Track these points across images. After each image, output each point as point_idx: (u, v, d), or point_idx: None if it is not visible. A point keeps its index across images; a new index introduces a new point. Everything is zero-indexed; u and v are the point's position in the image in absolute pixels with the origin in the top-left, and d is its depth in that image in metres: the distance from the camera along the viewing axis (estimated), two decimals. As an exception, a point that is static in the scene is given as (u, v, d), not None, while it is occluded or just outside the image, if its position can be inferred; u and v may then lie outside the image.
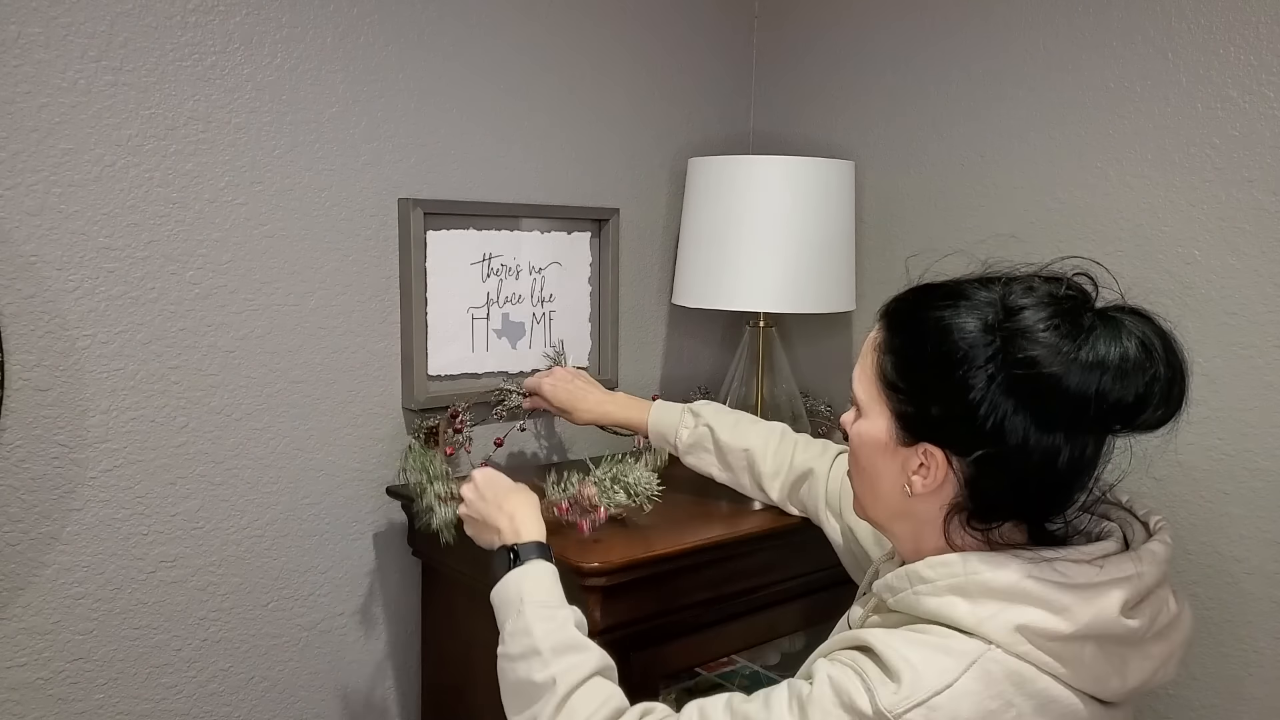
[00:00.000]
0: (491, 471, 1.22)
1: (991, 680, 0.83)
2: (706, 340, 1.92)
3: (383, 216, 1.49)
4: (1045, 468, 0.87)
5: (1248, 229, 1.34)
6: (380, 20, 1.45)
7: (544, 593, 1.05)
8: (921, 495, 0.92)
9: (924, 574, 0.90)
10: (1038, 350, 0.84)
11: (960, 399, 0.87)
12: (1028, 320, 0.86)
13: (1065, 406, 0.84)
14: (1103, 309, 0.88)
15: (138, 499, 1.32)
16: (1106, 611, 0.85)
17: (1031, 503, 0.91)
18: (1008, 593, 0.85)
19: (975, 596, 0.86)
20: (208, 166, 1.32)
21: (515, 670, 1.00)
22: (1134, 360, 0.84)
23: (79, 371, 1.26)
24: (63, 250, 1.23)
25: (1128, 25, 1.43)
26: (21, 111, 1.18)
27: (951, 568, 0.88)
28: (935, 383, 0.89)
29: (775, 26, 1.90)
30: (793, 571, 1.43)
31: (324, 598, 1.50)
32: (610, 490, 1.28)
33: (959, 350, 0.87)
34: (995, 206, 1.60)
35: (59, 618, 1.28)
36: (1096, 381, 0.83)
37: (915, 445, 0.91)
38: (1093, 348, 0.84)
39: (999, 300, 0.89)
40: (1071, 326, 0.85)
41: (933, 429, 0.90)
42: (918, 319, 0.92)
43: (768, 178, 1.56)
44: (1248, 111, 1.33)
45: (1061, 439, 0.86)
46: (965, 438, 0.88)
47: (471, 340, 1.59)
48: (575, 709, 0.95)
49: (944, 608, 0.87)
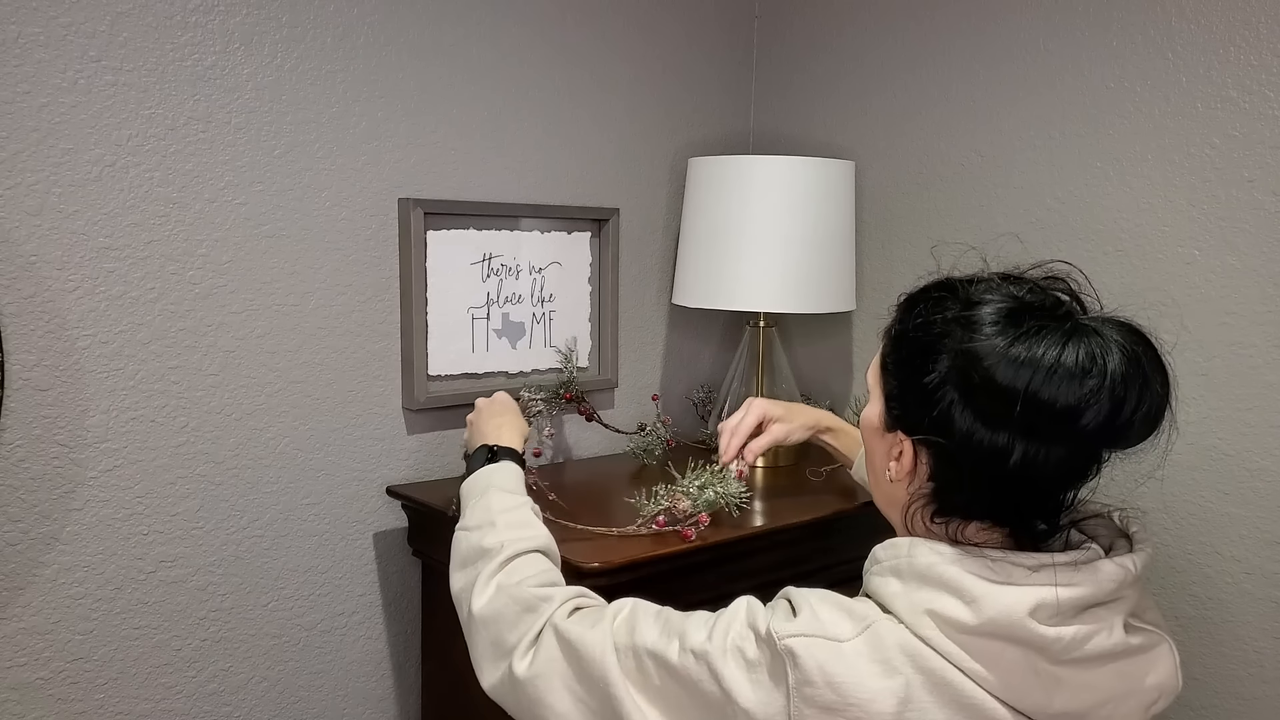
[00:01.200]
0: (506, 397, 1.38)
1: (881, 645, 0.84)
2: (706, 340, 1.92)
3: (383, 216, 1.49)
4: (993, 466, 0.86)
5: (1248, 229, 1.34)
6: (380, 20, 1.45)
7: (511, 484, 1.18)
8: (898, 483, 0.95)
9: (878, 555, 0.93)
10: (977, 343, 0.86)
11: (917, 384, 0.89)
12: (980, 315, 0.88)
13: (996, 400, 0.84)
14: (1089, 318, 0.88)
15: (138, 499, 1.32)
16: (1014, 611, 0.83)
17: (987, 503, 0.90)
18: (927, 577, 0.87)
19: (905, 578, 0.88)
20: (208, 166, 1.32)
21: (469, 539, 1.12)
22: (1070, 366, 0.83)
23: (79, 371, 1.26)
24: (63, 250, 1.23)
25: (1128, 25, 1.43)
26: (21, 111, 1.18)
27: (897, 549, 0.91)
28: (906, 368, 0.92)
29: (775, 26, 1.90)
30: (794, 571, 1.43)
31: (324, 598, 1.50)
32: (699, 498, 1.30)
33: (926, 338, 0.90)
34: (995, 206, 1.60)
35: (59, 618, 1.28)
36: (1027, 379, 0.83)
37: (895, 431, 0.94)
38: (1028, 346, 0.84)
39: (967, 294, 0.91)
40: (1014, 325, 0.86)
41: (902, 415, 0.93)
42: (911, 309, 0.95)
43: (768, 178, 1.56)
44: (1248, 111, 1.33)
45: (1009, 439, 0.85)
46: (917, 424, 0.90)
47: (471, 340, 1.59)
48: (516, 569, 1.06)
49: (881, 586, 0.90)
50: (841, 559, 1.36)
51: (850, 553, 1.32)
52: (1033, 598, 0.84)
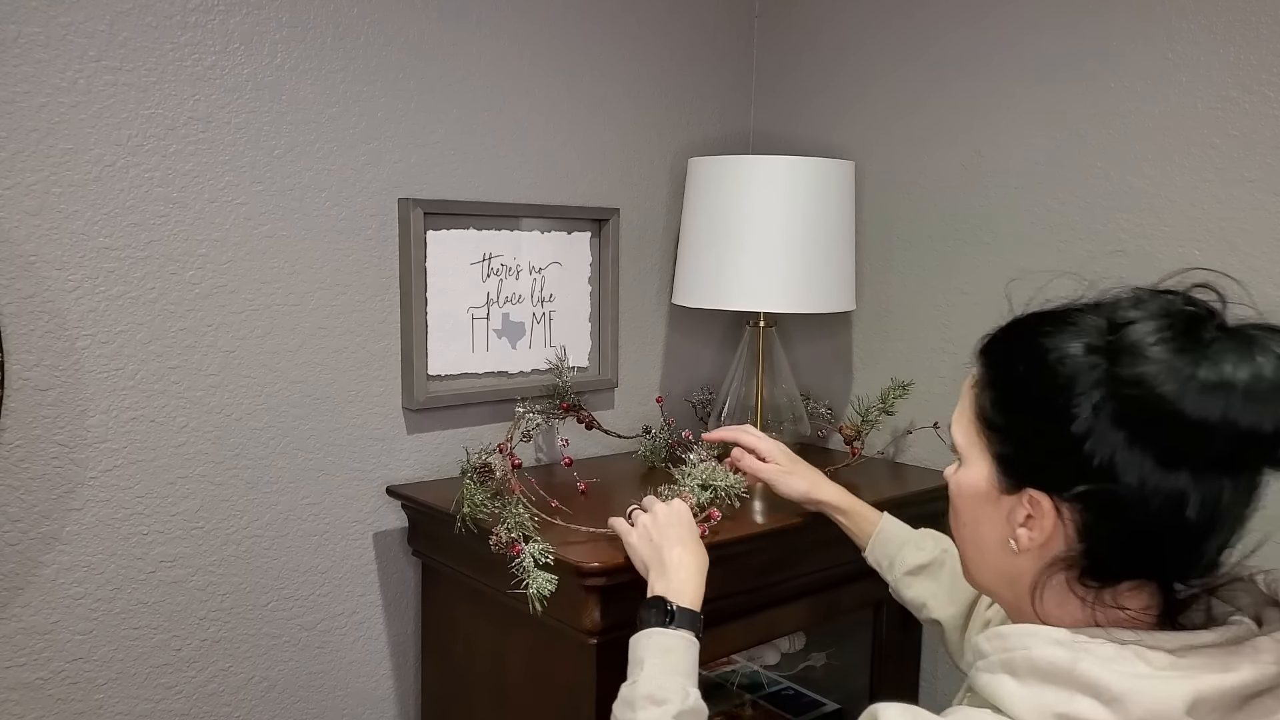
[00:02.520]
0: (687, 512, 1.21)
1: None
2: (706, 340, 1.91)
3: (383, 216, 1.49)
4: (1170, 516, 0.73)
5: (1248, 229, 1.34)
6: (380, 20, 1.45)
7: (685, 665, 1.06)
8: (1028, 551, 0.80)
9: (982, 647, 0.79)
10: (1148, 367, 0.72)
11: (1062, 432, 0.75)
12: (1136, 334, 0.74)
13: (1185, 437, 0.71)
14: (1235, 325, 0.76)
15: (138, 499, 1.32)
16: (1167, 708, 0.69)
17: (1156, 559, 0.76)
18: (1055, 674, 0.73)
19: (1023, 675, 0.75)
20: (208, 166, 1.32)
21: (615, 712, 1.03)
22: (1270, 381, 0.70)
23: (79, 371, 1.26)
24: (63, 250, 1.23)
25: (1128, 25, 1.43)
26: (21, 111, 1.18)
27: (1006, 640, 0.77)
28: (1036, 416, 0.78)
29: (775, 26, 1.90)
30: (793, 571, 1.43)
31: (324, 598, 1.50)
32: (699, 494, 1.28)
33: (1060, 375, 0.76)
34: (995, 206, 1.60)
35: (58, 618, 1.28)
36: (1222, 405, 0.70)
37: (1019, 492, 0.80)
38: (1215, 365, 0.71)
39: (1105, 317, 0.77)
40: (1188, 340, 0.72)
41: (1035, 470, 0.79)
42: (1016, 349, 0.82)
43: (768, 178, 1.56)
44: (1248, 111, 1.33)
45: (1188, 480, 0.72)
46: (1070, 477, 0.76)
47: (471, 340, 1.59)
48: None
49: (994, 686, 0.76)
50: (842, 559, 1.35)
51: (851, 554, 1.33)
52: (1188, 690, 0.70)
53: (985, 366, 0.84)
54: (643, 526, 1.19)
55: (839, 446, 1.77)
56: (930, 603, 1.22)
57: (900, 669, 1.65)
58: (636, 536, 1.18)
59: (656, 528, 1.18)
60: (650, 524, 1.18)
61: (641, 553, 1.17)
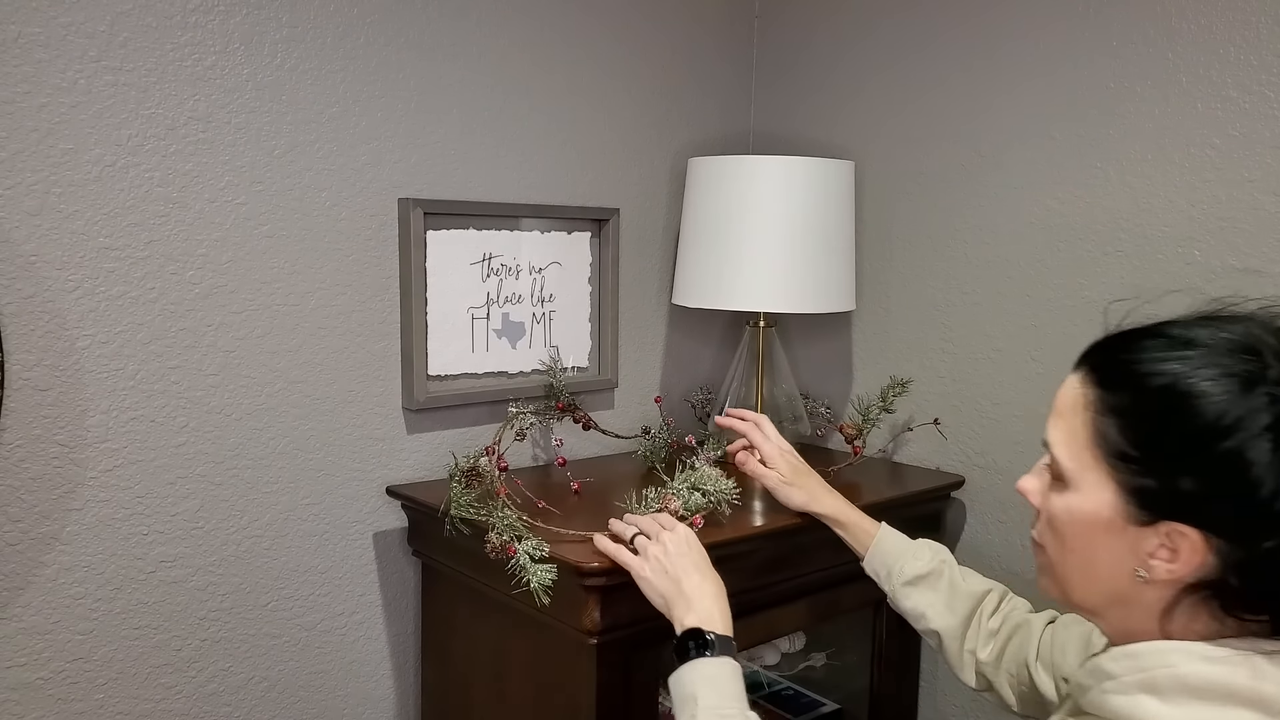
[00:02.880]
0: (695, 539, 1.17)
1: None
2: (706, 340, 1.92)
3: (383, 216, 1.49)
4: None
5: (1248, 229, 1.34)
6: (380, 20, 1.45)
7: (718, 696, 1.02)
8: (1159, 580, 0.77)
9: (1108, 668, 0.77)
10: None
11: (1236, 476, 0.71)
12: None
13: None
14: None
15: (138, 499, 1.32)
16: None
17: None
18: (1210, 690, 0.71)
19: (1169, 694, 0.72)
20: (208, 166, 1.32)
21: None
22: None
23: (79, 371, 1.26)
24: (63, 250, 1.23)
25: (1128, 25, 1.43)
26: (21, 111, 1.18)
27: (1141, 660, 0.75)
28: (1193, 454, 0.73)
29: (775, 26, 1.90)
30: (793, 571, 1.43)
31: (324, 598, 1.50)
32: (688, 496, 1.28)
33: (1224, 413, 0.71)
34: (995, 206, 1.60)
35: (59, 618, 1.28)
36: None
37: (1156, 524, 0.76)
38: None
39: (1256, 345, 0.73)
40: None
41: (1187, 507, 0.74)
42: (1147, 374, 0.77)
43: (768, 178, 1.56)
44: (1248, 111, 1.33)
45: None
46: (1248, 523, 0.72)
47: (471, 340, 1.59)
48: None
49: (1132, 708, 0.74)
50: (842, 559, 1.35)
51: (851, 554, 1.33)
52: None
53: (1103, 388, 0.79)
54: (654, 559, 1.15)
55: (839, 446, 1.77)
56: (929, 613, 1.22)
57: (900, 669, 1.65)
58: (650, 570, 1.14)
59: (668, 558, 1.14)
60: (661, 555, 1.14)
61: (658, 586, 1.13)
